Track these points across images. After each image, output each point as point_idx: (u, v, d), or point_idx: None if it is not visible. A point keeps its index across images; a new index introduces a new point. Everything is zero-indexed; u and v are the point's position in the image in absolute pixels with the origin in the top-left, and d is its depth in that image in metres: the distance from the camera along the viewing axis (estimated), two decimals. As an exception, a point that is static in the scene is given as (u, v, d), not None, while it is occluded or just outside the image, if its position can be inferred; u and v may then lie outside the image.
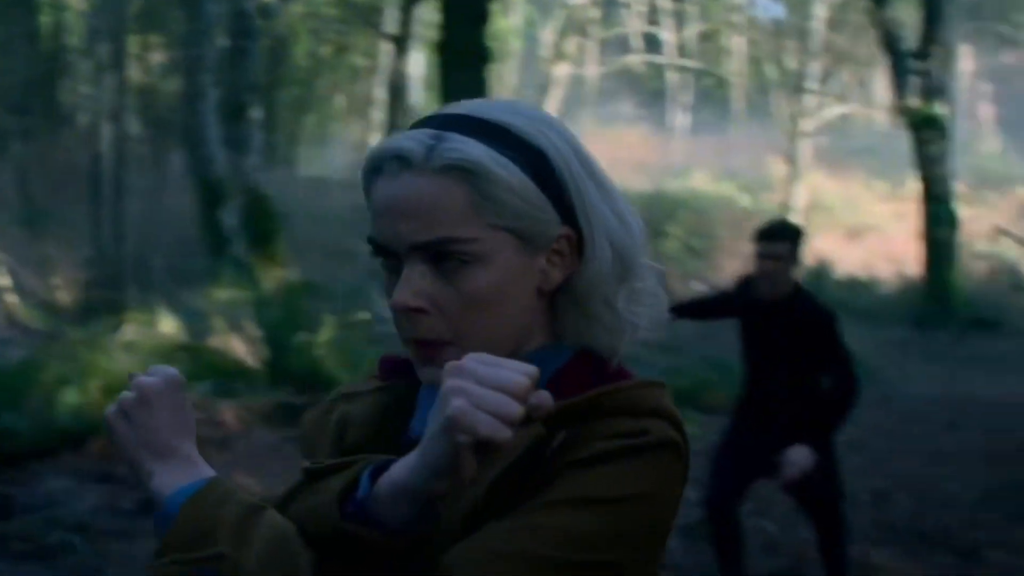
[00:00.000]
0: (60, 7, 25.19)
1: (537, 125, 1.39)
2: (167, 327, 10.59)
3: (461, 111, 1.39)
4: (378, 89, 25.06)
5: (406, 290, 1.34)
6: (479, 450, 1.15)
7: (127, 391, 1.36)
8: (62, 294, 14.67)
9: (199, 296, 12.08)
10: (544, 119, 1.42)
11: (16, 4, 22.72)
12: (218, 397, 8.87)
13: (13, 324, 12.96)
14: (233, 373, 9.57)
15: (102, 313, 11.96)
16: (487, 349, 1.24)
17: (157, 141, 23.62)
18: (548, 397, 1.17)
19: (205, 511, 1.26)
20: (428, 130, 1.36)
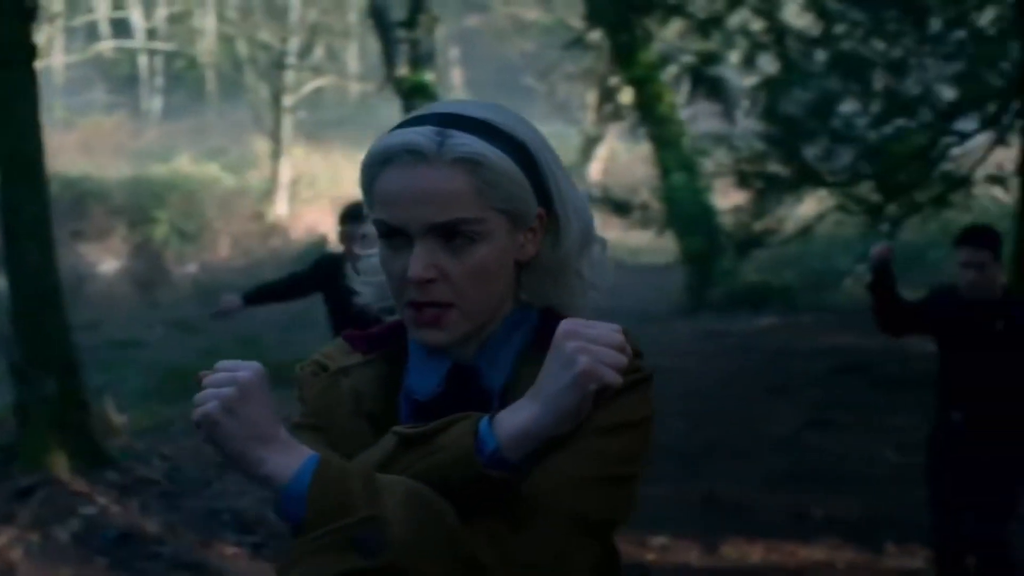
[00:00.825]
0: None
1: (515, 122, 1.65)
2: None
3: (454, 111, 1.62)
4: None
5: (421, 263, 1.57)
6: (598, 395, 1.47)
7: (218, 388, 1.49)
8: None
9: None
10: (518, 117, 1.67)
11: None
12: None
13: None
14: None
15: None
16: (482, 312, 1.62)
17: None
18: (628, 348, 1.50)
19: (333, 485, 1.45)
20: (430, 127, 1.58)
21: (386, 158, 1.59)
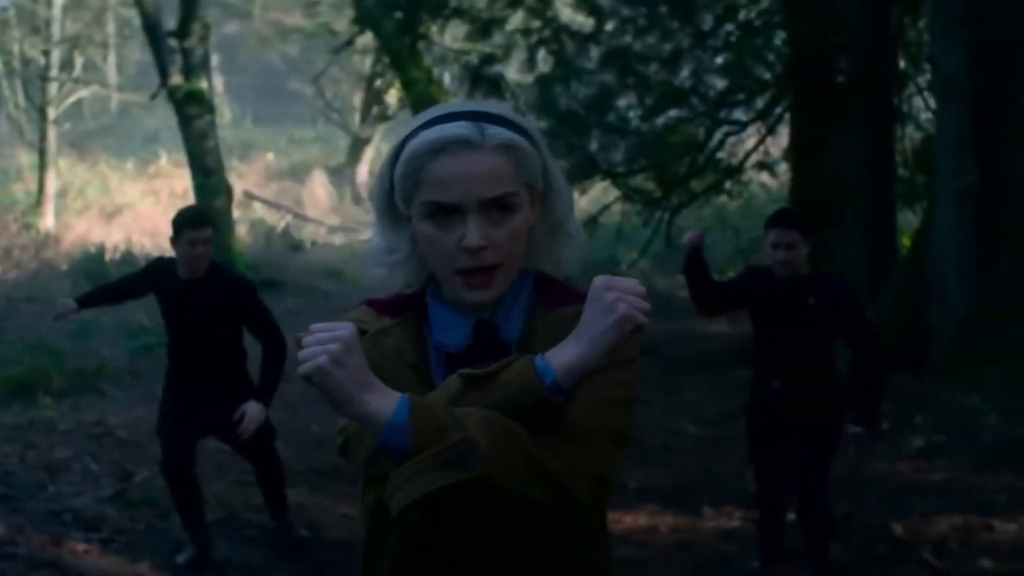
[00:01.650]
0: None
1: (518, 115, 2.03)
2: None
3: (477, 109, 1.97)
4: None
5: (477, 234, 1.89)
6: (632, 334, 1.82)
7: (324, 345, 1.77)
8: None
9: None
10: (515, 111, 2.03)
11: None
12: None
13: None
14: None
15: None
16: (514, 272, 1.98)
17: None
18: None
19: (427, 416, 1.76)
20: (466, 122, 1.91)
21: (437, 148, 1.89)
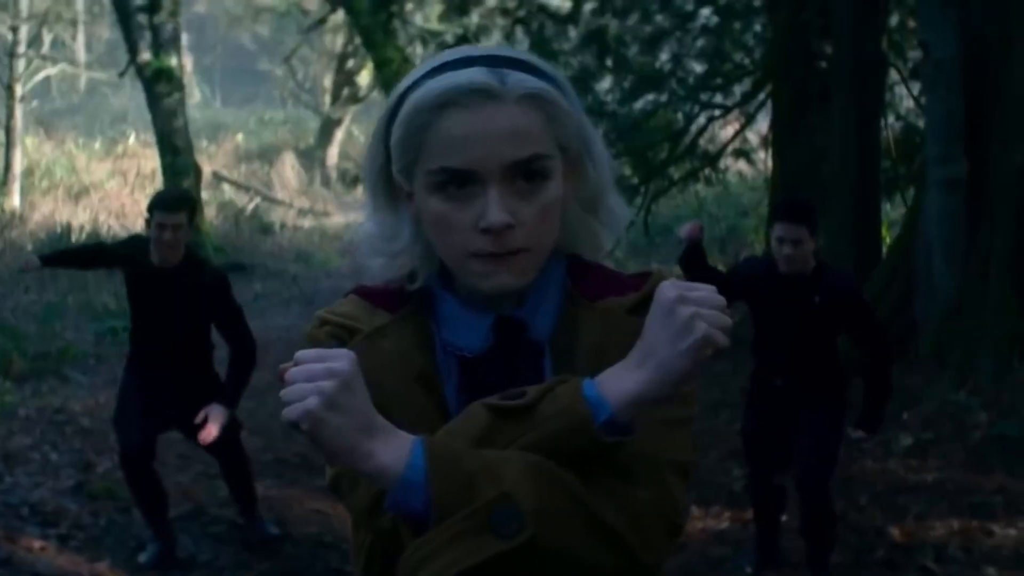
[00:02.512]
0: None
1: (543, 61, 1.56)
2: None
3: (497, 52, 1.53)
4: None
5: (500, 210, 1.46)
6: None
7: (315, 382, 1.35)
8: None
9: None
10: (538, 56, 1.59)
11: None
12: None
13: None
14: None
15: None
16: (545, 255, 1.54)
17: None
18: None
19: (451, 468, 1.36)
20: (482, 68, 1.48)
21: (445, 101, 1.47)
